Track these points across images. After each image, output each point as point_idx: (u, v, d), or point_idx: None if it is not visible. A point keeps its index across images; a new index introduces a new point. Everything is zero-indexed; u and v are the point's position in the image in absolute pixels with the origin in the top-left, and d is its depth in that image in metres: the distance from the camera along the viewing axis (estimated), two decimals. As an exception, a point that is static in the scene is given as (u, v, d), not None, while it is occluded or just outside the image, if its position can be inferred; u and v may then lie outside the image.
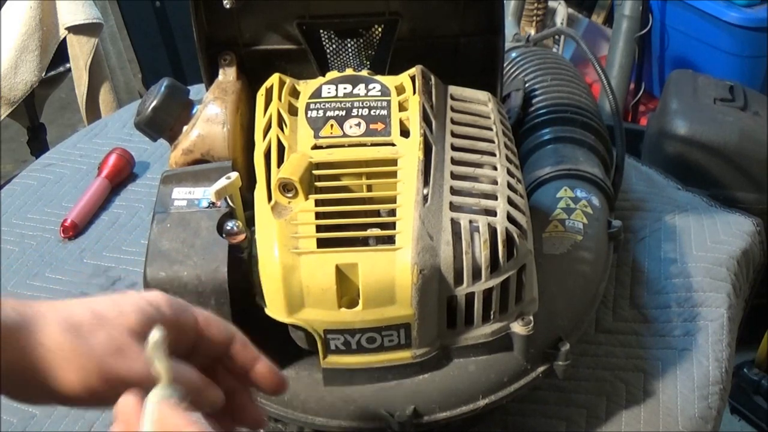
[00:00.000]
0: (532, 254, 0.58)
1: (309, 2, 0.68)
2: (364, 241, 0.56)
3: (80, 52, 1.57)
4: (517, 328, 0.58)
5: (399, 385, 0.60)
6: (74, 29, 1.56)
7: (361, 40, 0.71)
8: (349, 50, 0.72)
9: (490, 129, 0.63)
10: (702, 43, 1.78)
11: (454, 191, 0.57)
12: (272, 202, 0.56)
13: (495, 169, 0.60)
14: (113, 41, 1.74)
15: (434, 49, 0.71)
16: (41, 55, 1.55)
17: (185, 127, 0.66)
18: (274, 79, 0.65)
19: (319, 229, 0.55)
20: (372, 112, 0.62)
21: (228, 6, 0.66)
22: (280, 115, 0.61)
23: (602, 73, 0.86)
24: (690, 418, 0.70)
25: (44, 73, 1.58)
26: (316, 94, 0.64)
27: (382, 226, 0.56)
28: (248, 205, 0.59)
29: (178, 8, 2.07)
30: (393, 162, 0.59)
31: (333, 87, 0.64)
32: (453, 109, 0.64)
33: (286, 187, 0.56)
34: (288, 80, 0.65)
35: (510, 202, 0.57)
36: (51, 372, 0.38)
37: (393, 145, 0.60)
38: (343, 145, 0.60)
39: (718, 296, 0.81)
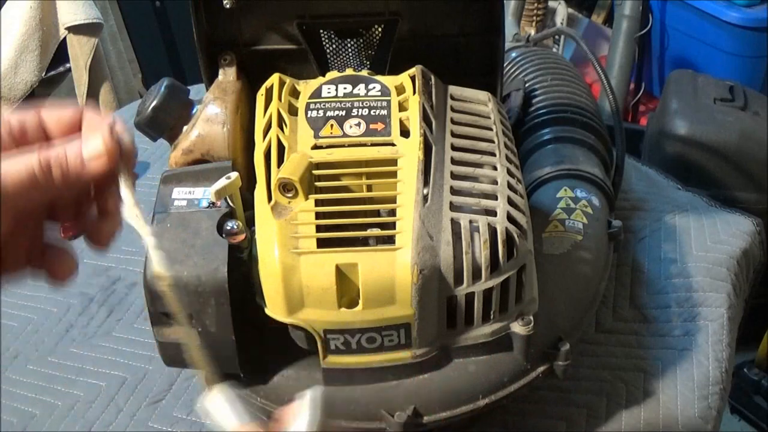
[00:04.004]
0: (532, 254, 0.58)
1: (309, 2, 0.68)
2: (364, 241, 0.56)
3: (80, 52, 1.58)
4: (517, 328, 0.58)
5: (399, 385, 0.59)
6: (74, 29, 1.56)
7: (361, 40, 0.71)
8: (349, 50, 0.72)
9: (490, 129, 0.63)
10: (702, 43, 1.78)
11: (454, 191, 0.57)
12: (272, 202, 0.56)
13: (495, 169, 0.60)
14: (113, 41, 1.74)
15: (434, 49, 0.71)
16: (41, 55, 1.55)
17: (185, 127, 0.66)
18: (274, 79, 0.65)
19: (319, 229, 0.55)
20: (372, 112, 0.62)
21: (228, 6, 0.66)
22: (280, 115, 0.61)
23: (602, 73, 0.86)
24: (690, 418, 0.70)
25: (44, 73, 1.58)
26: (316, 94, 0.64)
27: (382, 226, 0.56)
28: (248, 205, 0.59)
29: (178, 8, 2.07)
30: (393, 162, 0.59)
31: (333, 87, 0.64)
32: (453, 109, 0.64)
33: (286, 187, 0.56)
34: (288, 80, 0.65)
35: (510, 202, 0.57)
36: None
37: (393, 145, 0.59)
38: (343, 145, 0.60)
39: (718, 296, 0.81)
